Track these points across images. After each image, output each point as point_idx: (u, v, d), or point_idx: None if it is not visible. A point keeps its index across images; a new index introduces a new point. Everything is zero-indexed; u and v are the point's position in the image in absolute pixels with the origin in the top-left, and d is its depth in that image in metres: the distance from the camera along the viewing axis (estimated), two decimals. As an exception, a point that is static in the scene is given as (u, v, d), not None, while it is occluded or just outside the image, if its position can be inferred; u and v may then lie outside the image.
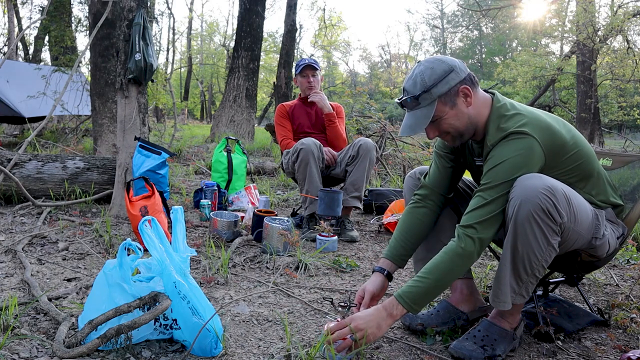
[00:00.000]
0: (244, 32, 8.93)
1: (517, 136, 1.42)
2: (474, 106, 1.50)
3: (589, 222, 1.47)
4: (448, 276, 1.41)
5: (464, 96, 1.48)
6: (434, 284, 1.40)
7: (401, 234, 1.69)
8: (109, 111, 5.02)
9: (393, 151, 5.72)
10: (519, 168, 1.40)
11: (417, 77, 1.49)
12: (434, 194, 1.71)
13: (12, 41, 13.18)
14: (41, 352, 1.40)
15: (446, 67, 1.47)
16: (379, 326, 1.39)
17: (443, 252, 1.43)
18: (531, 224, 1.35)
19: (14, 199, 3.35)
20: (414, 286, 1.41)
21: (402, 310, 1.40)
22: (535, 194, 1.33)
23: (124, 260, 1.45)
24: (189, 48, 29.28)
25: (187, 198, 3.88)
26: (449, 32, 35.84)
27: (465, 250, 1.40)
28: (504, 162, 1.41)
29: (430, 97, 1.46)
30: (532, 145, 1.41)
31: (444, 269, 1.41)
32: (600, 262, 1.67)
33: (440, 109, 1.47)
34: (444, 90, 1.46)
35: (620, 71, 11.24)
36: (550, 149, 1.43)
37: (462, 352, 1.45)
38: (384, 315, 1.40)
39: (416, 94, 1.47)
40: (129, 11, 3.16)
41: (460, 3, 19.95)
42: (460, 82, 1.47)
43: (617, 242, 1.61)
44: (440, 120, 1.49)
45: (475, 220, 1.41)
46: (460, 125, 1.50)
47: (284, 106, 3.39)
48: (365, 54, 49.98)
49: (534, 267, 1.40)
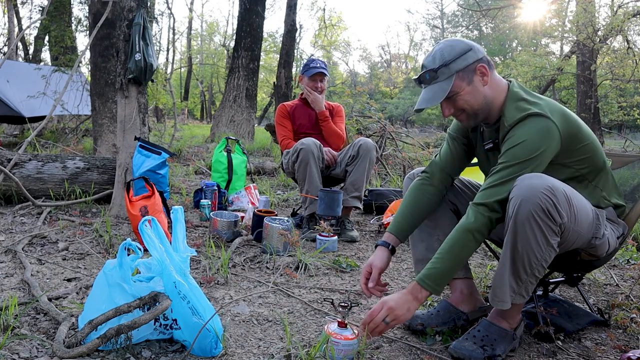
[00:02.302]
0: (244, 32, 8.93)
1: (537, 118, 1.44)
2: (489, 86, 1.53)
3: (589, 222, 1.47)
4: (462, 254, 1.44)
5: (481, 74, 1.52)
6: (451, 263, 1.44)
7: (407, 209, 1.72)
8: (109, 111, 5.02)
9: (393, 151, 5.72)
10: (537, 149, 1.42)
11: (436, 53, 1.53)
12: (442, 173, 1.75)
13: (12, 41, 13.18)
14: (41, 352, 1.40)
15: (465, 45, 1.52)
16: (408, 309, 1.44)
17: (456, 230, 1.45)
18: (531, 224, 1.35)
19: (14, 199, 3.35)
20: (432, 268, 1.44)
21: (426, 293, 1.44)
22: (535, 193, 1.34)
23: (124, 260, 1.45)
24: (189, 48, 29.28)
25: (187, 198, 3.88)
26: (449, 32, 35.81)
27: (477, 228, 1.42)
28: (523, 142, 1.43)
29: (449, 72, 1.50)
30: (551, 127, 1.43)
31: (457, 248, 1.43)
32: (599, 262, 1.67)
33: (457, 84, 1.50)
34: (462, 66, 1.49)
35: (620, 71, 11.24)
36: (566, 135, 1.46)
37: (462, 352, 1.45)
38: (411, 299, 1.44)
39: (435, 67, 1.51)
40: (129, 11, 3.16)
41: (460, 3, 19.95)
42: (477, 61, 1.51)
43: (617, 242, 1.61)
44: (456, 96, 1.52)
45: (488, 199, 1.43)
46: (476, 103, 1.53)
47: (284, 106, 3.39)
48: (365, 54, 50.03)
49: (534, 266, 1.40)
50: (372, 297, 2.00)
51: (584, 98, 11.92)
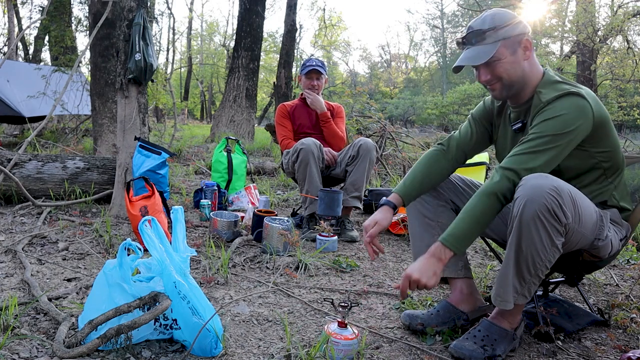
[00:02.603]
0: (244, 32, 8.93)
1: (574, 96, 1.46)
2: (529, 63, 1.55)
3: (593, 223, 1.48)
4: (485, 216, 1.43)
5: (524, 48, 1.53)
6: (474, 224, 1.43)
7: (418, 175, 1.74)
8: (109, 111, 5.02)
9: (393, 151, 5.72)
10: (572, 124, 1.42)
11: (486, 17, 1.54)
12: (458, 149, 1.77)
13: (12, 41, 13.18)
14: (41, 352, 1.40)
15: (515, 17, 1.54)
16: (434, 273, 1.43)
17: (480, 192, 1.46)
18: (536, 224, 1.35)
19: (14, 199, 3.35)
20: (455, 228, 1.44)
21: (449, 253, 1.44)
22: (541, 193, 1.34)
23: (124, 260, 1.45)
24: (189, 48, 29.27)
25: (187, 198, 3.88)
26: (449, 32, 35.81)
27: (501, 191, 1.42)
28: (559, 116, 1.44)
29: (496, 37, 1.51)
30: (586, 106, 1.45)
31: (480, 209, 1.43)
32: (601, 263, 1.67)
33: (501, 51, 1.51)
34: (509, 34, 1.51)
35: (620, 71, 11.23)
36: (598, 119, 1.47)
37: (462, 352, 1.45)
38: (435, 261, 1.44)
39: (484, 29, 1.52)
40: (129, 11, 3.16)
41: (460, 3, 19.93)
42: (524, 34, 1.53)
43: (620, 244, 1.61)
44: (497, 63, 1.53)
45: (518, 165, 1.43)
46: (514, 74, 1.54)
47: (284, 106, 3.39)
48: (365, 54, 49.98)
49: (538, 267, 1.40)
50: (370, 299, 2.00)
51: (584, 98, 11.89)
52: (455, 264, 1.72)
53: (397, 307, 1.89)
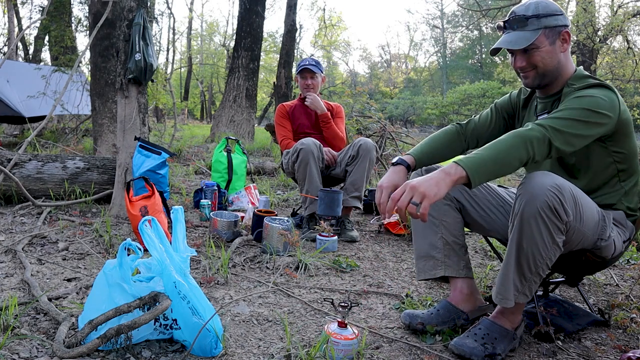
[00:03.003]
0: (244, 32, 8.93)
1: (605, 89, 1.49)
2: (565, 55, 1.58)
3: (595, 222, 1.48)
4: (508, 152, 1.37)
5: (563, 40, 1.56)
6: (494, 155, 1.37)
7: (434, 145, 1.76)
8: (109, 111, 5.02)
9: (393, 151, 5.72)
10: (602, 107, 1.43)
11: (531, 5, 1.56)
12: (473, 134, 1.82)
13: (12, 41, 13.18)
14: (41, 352, 1.40)
15: (558, 8, 1.57)
16: (437, 184, 1.33)
17: (508, 133, 1.42)
18: (537, 221, 1.36)
19: (14, 199, 3.35)
20: (474, 154, 1.40)
21: (461, 171, 1.34)
22: (543, 191, 1.35)
23: (124, 260, 1.45)
24: (189, 48, 29.28)
25: (187, 198, 3.88)
26: (449, 32, 35.82)
27: (531, 134, 1.39)
28: (591, 97, 1.45)
29: (538, 24, 1.53)
30: (617, 102, 1.47)
31: (505, 144, 1.39)
32: (605, 264, 1.67)
33: (541, 39, 1.54)
34: (551, 23, 1.54)
35: (620, 71, 11.24)
36: (623, 118, 1.50)
37: (463, 349, 1.46)
38: (442, 175, 1.34)
39: (527, 15, 1.54)
40: (129, 11, 3.16)
41: (460, 3, 19.95)
42: (564, 26, 1.56)
43: (623, 246, 1.61)
44: (535, 51, 1.55)
45: (549, 124, 1.41)
46: (550, 64, 1.56)
47: (284, 106, 3.39)
48: (365, 54, 50.02)
49: (538, 265, 1.40)
50: (370, 298, 2.00)
51: (584, 98, 11.89)
52: (457, 262, 1.72)
53: (397, 307, 1.89)
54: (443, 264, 1.73)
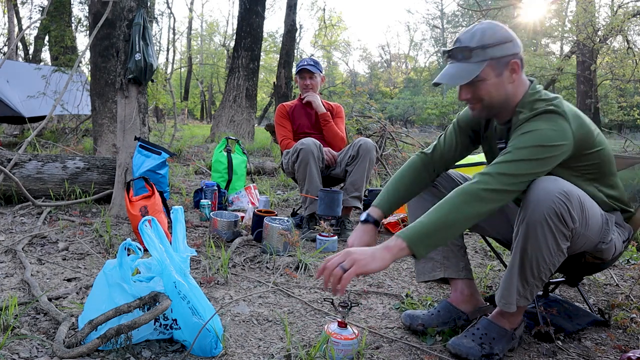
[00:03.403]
0: (244, 32, 8.93)
1: (553, 115, 1.40)
2: (515, 84, 1.47)
3: (599, 227, 1.47)
4: (453, 213, 1.32)
5: (512, 71, 1.45)
6: (437, 220, 1.32)
7: (399, 187, 1.69)
8: (109, 111, 5.02)
9: (393, 151, 5.72)
10: (548, 141, 1.35)
11: (477, 32, 1.44)
12: (440, 160, 1.72)
13: (12, 41, 13.18)
14: (41, 352, 1.40)
15: (507, 34, 1.45)
16: (373, 256, 1.29)
17: (453, 191, 1.37)
18: (543, 228, 1.34)
19: (14, 199, 3.35)
20: (416, 222, 1.34)
21: (401, 244, 1.30)
22: (550, 197, 1.32)
23: (124, 260, 1.45)
24: (189, 48, 29.28)
25: (187, 198, 3.88)
26: (449, 32, 35.80)
27: (477, 191, 1.33)
28: (535, 131, 1.37)
29: (483, 56, 1.42)
30: (566, 127, 1.38)
31: (448, 205, 1.33)
32: (604, 265, 1.66)
33: (486, 71, 1.43)
34: (498, 54, 1.42)
35: (620, 71, 11.23)
36: (578, 138, 1.41)
37: (460, 349, 1.46)
38: (381, 248, 1.31)
39: (471, 46, 1.43)
40: (129, 11, 3.16)
41: (460, 3, 19.94)
42: (513, 55, 1.44)
43: (623, 246, 1.61)
44: (481, 84, 1.45)
45: (496, 171, 1.35)
46: (497, 97, 1.47)
47: (284, 106, 3.39)
48: (365, 54, 50.00)
49: (542, 270, 1.39)
50: (370, 298, 2.00)
51: (584, 98, 11.93)
52: (457, 264, 1.72)
53: (397, 307, 1.89)
54: (442, 265, 1.73)
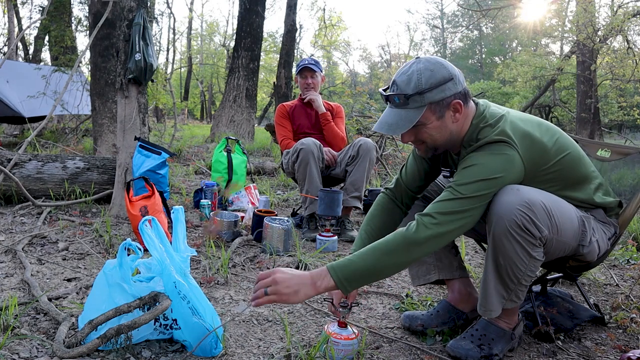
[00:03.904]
0: (244, 32, 8.93)
1: (495, 145, 1.35)
2: (458, 123, 1.42)
3: (574, 230, 1.43)
4: (387, 258, 1.29)
5: (454, 111, 1.39)
6: (371, 262, 1.29)
7: (372, 229, 1.63)
8: (109, 111, 5.03)
9: (393, 151, 5.72)
10: (495, 172, 1.32)
11: (413, 75, 1.36)
12: (406, 193, 1.67)
13: (12, 41, 13.18)
14: (41, 352, 1.40)
15: (446, 74, 1.36)
16: (296, 292, 1.28)
17: (393, 233, 1.33)
18: (509, 239, 1.32)
19: (14, 199, 3.35)
20: (349, 260, 1.31)
21: (329, 282, 1.29)
22: (511, 210, 1.30)
23: (124, 260, 1.45)
24: (189, 48, 29.27)
25: (187, 198, 3.88)
26: (449, 32, 35.82)
27: (414, 235, 1.28)
28: (480, 164, 1.33)
29: (422, 101, 1.35)
30: (511, 154, 1.34)
31: (384, 248, 1.30)
32: (592, 264, 1.65)
33: (426, 116, 1.37)
34: (437, 98, 1.35)
35: (620, 71, 11.23)
36: (529, 159, 1.37)
37: (459, 351, 1.46)
38: (308, 282, 1.29)
39: (408, 93, 1.35)
40: (129, 11, 3.16)
41: (460, 3, 19.95)
42: (454, 95, 1.37)
43: (609, 244, 1.57)
44: (422, 127, 1.40)
45: (435, 210, 1.31)
46: (440, 138, 1.43)
47: (284, 106, 3.39)
48: (365, 54, 49.99)
49: (519, 277, 1.37)
50: (370, 298, 2.00)
51: (584, 98, 11.92)
52: (450, 265, 1.72)
53: (397, 307, 1.89)
54: (436, 267, 1.72)
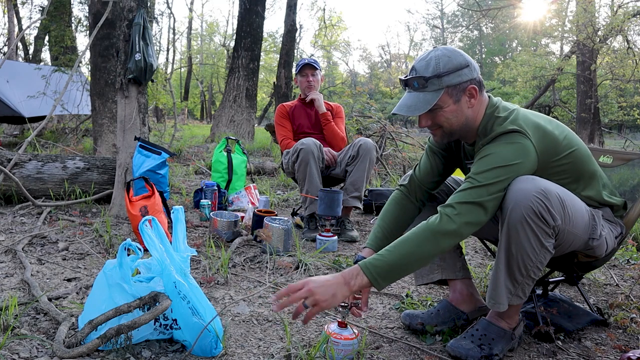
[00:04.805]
0: (244, 32, 8.93)
1: (510, 135, 1.40)
2: (474, 108, 1.48)
3: (585, 222, 1.46)
4: (417, 250, 1.33)
5: (470, 96, 1.46)
6: (402, 256, 1.33)
7: (387, 224, 1.67)
8: (109, 111, 5.03)
9: (393, 151, 5.72)
10: (510, 160, 1.36)
11: (431, 60, 1.43)
12: (420, 189, 1.70)
13: (12, 41, 13.18)
14: (41, 352, 1.40)
15: (463, 60, 1.43)
16: (334, 295, 1.31)
17: (418, 225, 1.37)
18: (524, 227, 1.34)
19: (14, 199, 3.35)
20: (380, 256, 1.34)
21: (362, 280, 1.33)
22: (527, 197, 1.32)
23: (124, 260, 1.45)
24: (189, 48, 29.27)
25: (187, 198, 3.88)
26: (449, 32, 35.82)
27: (439, 227, 1.33)
28: (496, 153, 1.38)
29: (439, 84, 1.42)
30: (525, 144, 1.39)
31: (412, 241, 1.34)
32: (598, 262, 1.66)
33: (444, 99, 1.43)
34: (454, 82, 1.42)
35: (620, 71, 11.23)
36: (542, 150, 1.41)
37: (459, 351, 1.46)
38: (342, 282, 1.33)
39: (426, 76, 1.42)
40: (129, 11, 3.16)
41: (460, 3, 19.96)
42: (470, 80, 1.44)
43: (616, 242, 1.59)
44: (439, 111, 1.45)
45: (456, 201, 1.36)
46: (456, 122, 1.48)
47: (284, 106, 3.39)
48: (365, 54, 50.05)
49: (529, 268, 1.39)
50: (370, 298, 2.00)
51: (584, 98, 11.92)
52: (453, 265, 1.72)
53: (397, 307, 1.89)
54: (439, 267, 1.73)
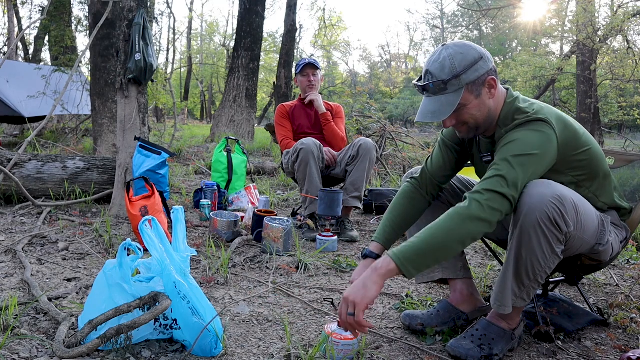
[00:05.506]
0: (244, 32, 8.93)
1: (534, 123, 1.39)
2: (495, 99, 1.47)
3: (595, 228, 1.46)
4: (445, 235, 1.31)
5: (489, 87, 1.44)
6: (430, 242, 1.31)
7: (396, 217, 1.67)
8: (109, 111, 5.03)
9: (393, 151, 5.72)
10: (535, 148, 1.35)
11: (445, 61, 1.40)
12: (431, 183, 1.70)
13: (12, 41, 13.18)
14: (41, 352, 1.40)
15: (476, 54, 1.41)
16: (364, 286, 1.30)
17: (446, 213, 1.35)
18: (537, 232, 1.33)
19: (14, 199, 3.35)
20: (409, 242, 1.33)
21: (389, 266, 1.31)
22: (543, 202, 1.31)
23: (124, 260, 1.45)
24: (189, 48, 29.26)
25: (187, 198, 3.88)
26: (449, 32, 35.80)
27: (468, 211, 1.31)
28: (521, 140, 1.37)
29: (459, 84, 1.39)
30: (549, 133, 1.38)
31: (441, 227, 1.32)
32: (601, 265, 1.66)
33: (465, 97, 1.41)
34: (472, 78, 1.40)
35: (620, 71, 11.22)
36: (563, 141, 1.41)
37: (459, 351, 1.46)
38: (369, 274, 1.32)
39: (445, 78, 1.39)
40: (129, 11, 3.16)
41: (460, 3, 19.96)
42: (488, 72, 1.42)
43: (620, 246, 1.60)
44: (462, 109, 1.43)
45: (482, 187, 1.34)
46: (481, 116, 1.46)
47: (284, 106, 3.39)
48: (365, 54, 50.00)
49: (537, 273, 1.39)
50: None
51: (584, 98, 11.91)
52: (454, 264, 1.72)
53: (397, 307, 1.89)
54: (440, 266, 1.73)
